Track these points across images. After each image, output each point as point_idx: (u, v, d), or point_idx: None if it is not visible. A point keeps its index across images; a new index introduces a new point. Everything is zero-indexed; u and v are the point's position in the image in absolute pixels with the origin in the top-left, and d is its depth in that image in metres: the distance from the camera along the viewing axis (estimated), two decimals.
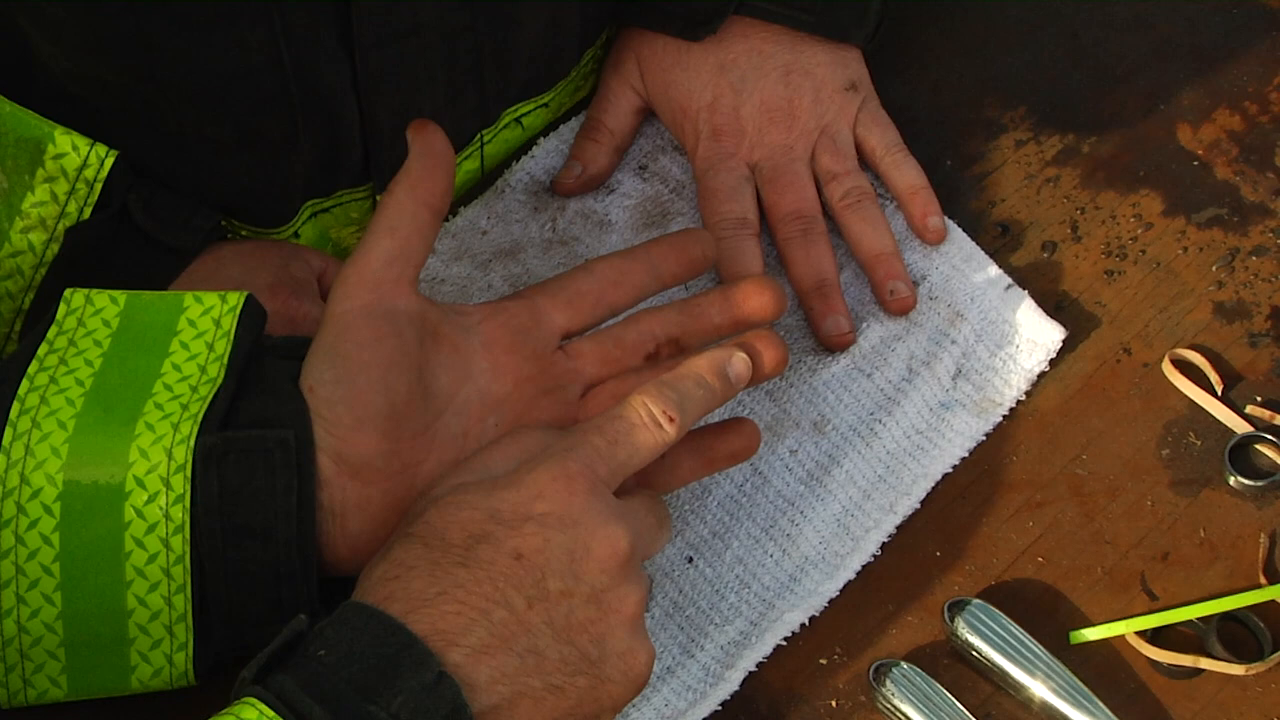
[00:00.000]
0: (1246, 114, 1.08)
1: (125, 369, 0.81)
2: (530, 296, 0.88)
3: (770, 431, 0.97)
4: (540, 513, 0.77)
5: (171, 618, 0.79)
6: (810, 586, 0.92)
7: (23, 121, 0.90)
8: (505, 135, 1.04)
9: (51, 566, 0.77)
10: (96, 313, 0.83)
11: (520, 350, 0.86)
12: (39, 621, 0.78)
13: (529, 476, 0.78)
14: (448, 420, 0.84)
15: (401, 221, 0.83)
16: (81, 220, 0.90)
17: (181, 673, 0.80)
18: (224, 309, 0.83)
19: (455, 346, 0.85)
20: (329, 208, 1.00)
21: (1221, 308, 1.01)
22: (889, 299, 0.99)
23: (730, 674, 0.89)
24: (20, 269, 0.91)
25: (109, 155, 0.90)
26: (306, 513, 0.79)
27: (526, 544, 0.76)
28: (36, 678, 0.79)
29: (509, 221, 1.04)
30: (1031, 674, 0.88)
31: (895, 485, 0.95)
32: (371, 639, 0.72)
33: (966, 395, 0.98)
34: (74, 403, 0.79)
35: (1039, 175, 1.07)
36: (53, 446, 0.78)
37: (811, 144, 1.02)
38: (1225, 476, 0.95)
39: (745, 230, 1.00)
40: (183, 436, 0.78)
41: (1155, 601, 0.92)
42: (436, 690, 0.71)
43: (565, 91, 1.07)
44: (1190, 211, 1.05)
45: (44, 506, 0.77)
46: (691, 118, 1.03)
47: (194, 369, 0.81)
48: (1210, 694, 0.89)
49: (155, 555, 0.78)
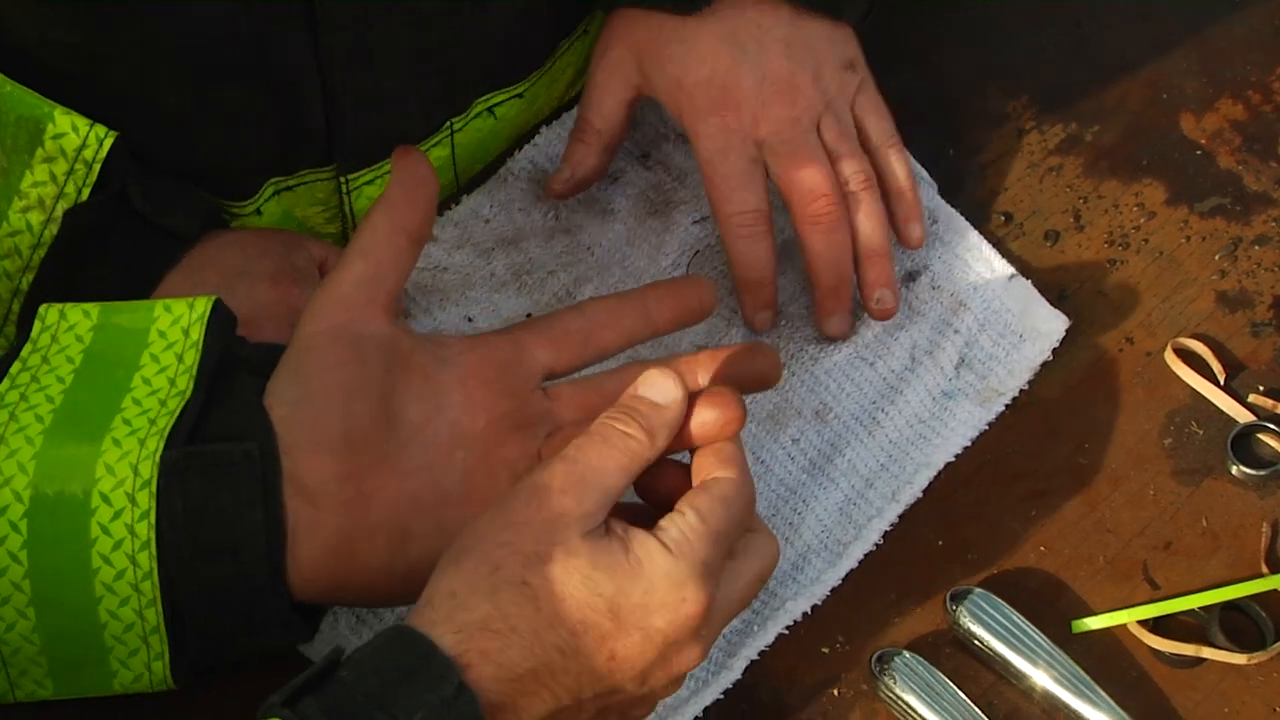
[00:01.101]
0: (1250, 103, 1.08)
1: (95, 384, 0.80)
2: (515, 332, 0.87)
3: (772, 420, 0.97)
4: (654, 628, 0.74)
5: (145, 630, 0.78)
6: (812, 575, 0.92)
7: (22, 101, 0.89)
8: (477, 124, 1.03)
9: (22, 584, 0.77)
10: (70, 328, 0.82)
11: (497, 385, 0.85)
12: (16, 634, 0.77)
13: (661, 583, 0.74)
14: (413, 451, 0.82)
15: (376, 245, 0.82)
16: (80, 202, 0.90)
17: (161, 679, 0.80)
18: (192, 317, 0.82)
19: (427, 376, 0.83)
20: (292, 186, 0.99)
21: (1224, 297, 1.01)
22: (874, 305, 0.98)
23: (732, 662, 0.89)
24: (18, 249, 0.91)
25: (108, 136, 0.90)
26: (274, 525, 0.78)
27: (624, 649, 0.74)
28: (22, 680, 0.79)
29: (512, 210, 1.04)
30: (1033, 663, 0.88)
31: (898, 474, 0.95)
32: (391, 652, 0.71)
33: (969, 384, 0.98)
34: (43, 419, 0.78)
35: (1042, 164, 1.06)
36: (20, 463, 0.77)
37: (816, 118, 0.99)
38: (1227, 466, 0.95)
39: (760, 225, 0.97)
40: (149, 452, 0.77)
41: (1157, 591, 0.92)
42: (456, 705, 0.70)
43: (541, 84, 1.05)
44: (1193, 201, 1.05)
45: (11, 524, 0.76)
46: (689, 91, 0.99)
47: (163, 381, 0.80)
48: (1212, 683, 0.89)
49: (123, 571, 0.77)
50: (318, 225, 1.03)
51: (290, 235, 0.98)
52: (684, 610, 0.74)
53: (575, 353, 0.87)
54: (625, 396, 0.79)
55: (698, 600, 0.74)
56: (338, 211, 1.01)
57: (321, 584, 0.79)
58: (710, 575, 0.75)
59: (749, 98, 0.98)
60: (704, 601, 0.75)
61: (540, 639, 0.73)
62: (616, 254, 1.03)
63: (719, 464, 0.78)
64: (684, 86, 0.99)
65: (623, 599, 0.74)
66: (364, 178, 0.99)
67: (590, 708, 0.76)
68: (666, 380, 0.79)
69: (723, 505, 0.76)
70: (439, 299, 1.01)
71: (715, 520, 0.76)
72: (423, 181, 0.83)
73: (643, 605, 0.74)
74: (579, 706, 0.75)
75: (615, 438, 0.77)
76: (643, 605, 0.74)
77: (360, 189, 1.00)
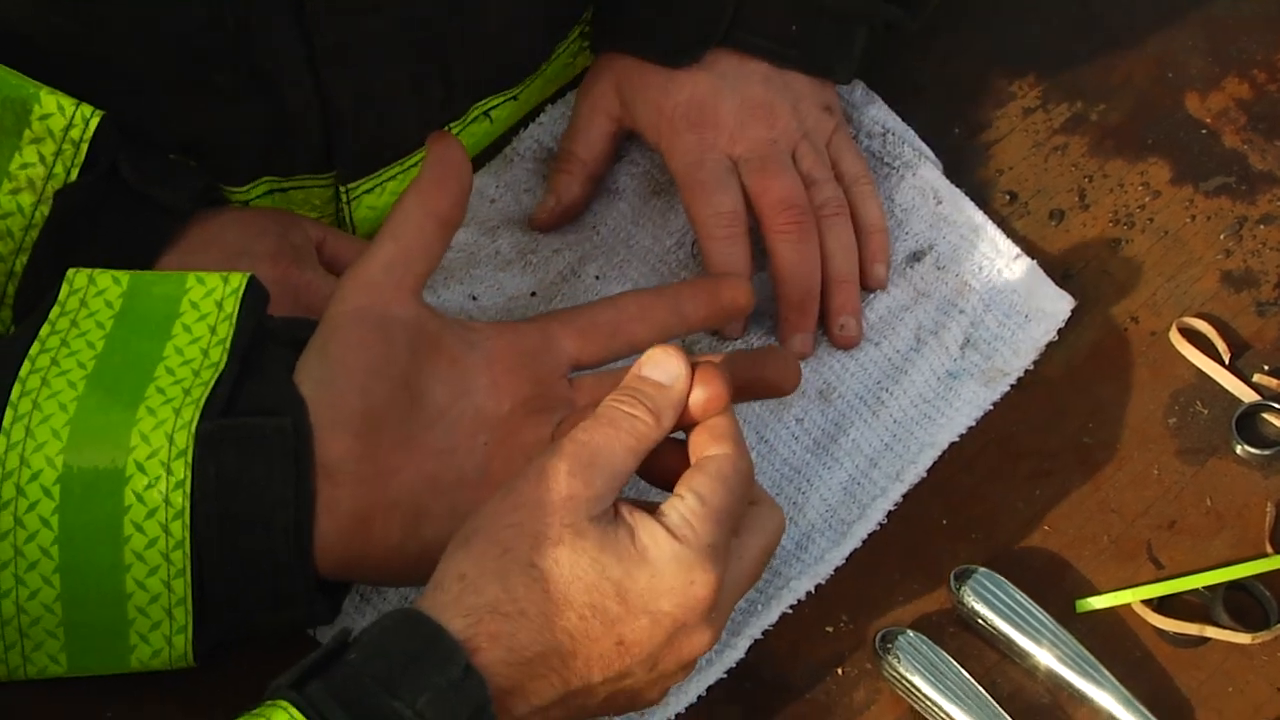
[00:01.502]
0: (1255, 82, 1.08)
1: (127, 351, 0.80)
2: (544, 321, 0.87)
3: (777, 400, 0.97)
4: (662, 611, 0.74)
5: (171, 601, 0.78)
6: (816, 554, 0.92)
7: (7, 82, 0.89)
8: (474, 129, 1.03)
9: (50, 549, 0.77)
10: (99, 293, 0.83)
11: (523, 372, 0.85)
12: (38, 602, 0.78)
13: (667, 568, 0.74)
14: (437, 432, 0.82)
15: (406, 230, 0.82)
16: (69, 182, 0.90)
17: (181, 655, 0.80)
18: (226, 290, 0.83)
19: (454, 359, 0.84)
20: (287, 189, 0.99)
21: (1229, 276, 1.01)
22: (837, 332, 0.98)
23: (736, 641, 0.89)
24: (10, 231, 0.91)
25: (94, 115, 0.89)
26: (303, 503, 0.78)
27: (633, 635, 0.74)
28: (35, 655, 0.79)
29: (517, 190, 1.04)
30: (1037, 642, 0.88)
31: (902, 454, 0.95)
32: (399, 635, 0.72)
33: (974, 364, 0.98)
34: (75, 385, 0.79)
35: (1047, 143, 1.06)
36: (53, 429, 0.77)
37: (793, 144, 1.00)
38: (1232, 445, 0.95)
39: (738, 227, 0.97)
40: (184, 421, 0.78)
41: (1161, 570, 0.92)
42: (463, 687, 0.71)
43: (535, 88, 1.05)
44: (1198, 180, 1.05)
45: (43, 489, 0.77)
46: (668, 115, 1.00)
47: (196, 352, 0.81)
48: (1216, 662, 0.89)
49: (155, 540, 0.77)
50: None
51: (287, 214, 0.97)
52: (693, 593, 0.75)
53: (603, 345, 0.87)
54: (630, 378, 0.79)
55: (706, 583, 0.75)
56: (334, 219, 1.01)
57: (335, 559, 0.80)
58: (716, 557, 0.75)
59: (727, 119, 1.00)
60: (712, 584, 0.75)
61: (549, 623, 0.73)
62: (621, 233, 1.03)
63: (713, 440, 0.78)
64: (664, 110, 1.00)
65: (630, 583, 0.74)
66: (364, 186, 0.99)
67: (600, 692, 0.76)
68: (670, 359, 0.79)
69: (721, 483, 0.76)
70: (443, 277, 1.01)
71: (715, 500, 0.76)
72: (456, 167, 0.83)
73: (650, 589, 0.74)
74: (588, 691, 0.75)
75: (622, 420, 0.77)
76: (650, 589, 0.74)
77: (360, 198, 0.99)
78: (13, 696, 0.82)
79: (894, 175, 1.04)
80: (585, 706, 0.77)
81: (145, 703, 0.85)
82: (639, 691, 0.78)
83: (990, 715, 0.86)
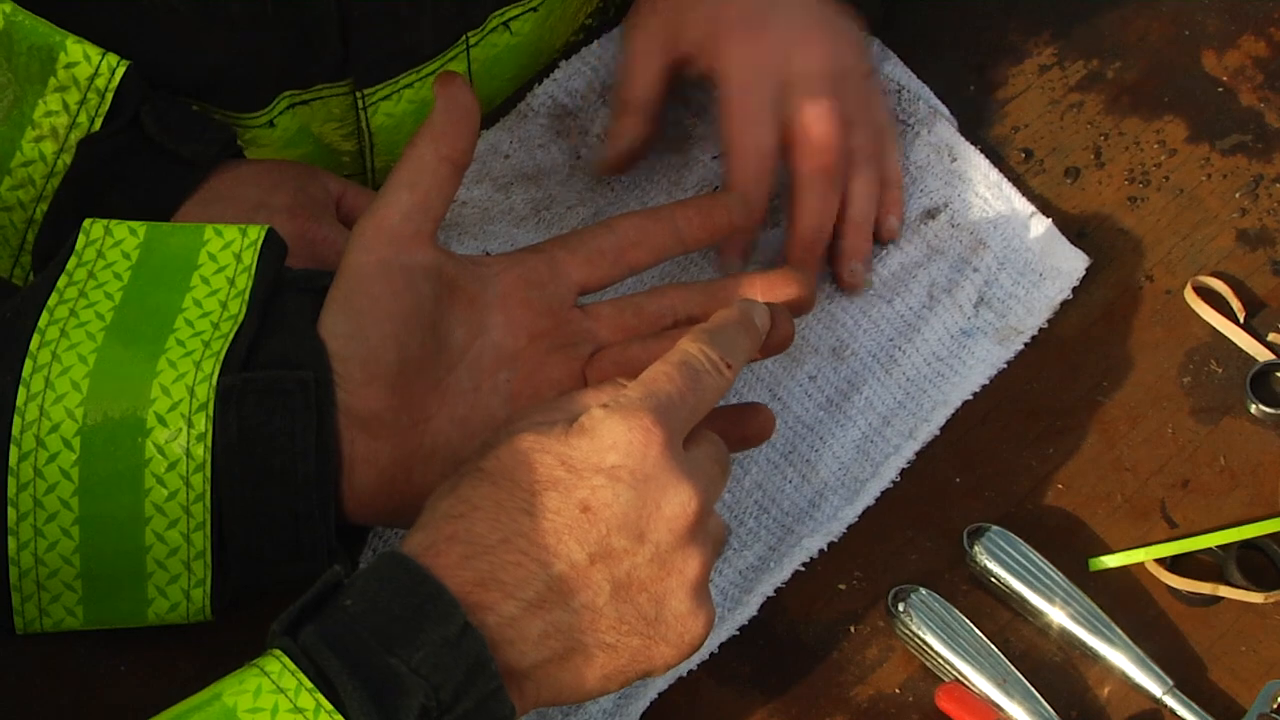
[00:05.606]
0: (1272, 40, 1.08)
1: (146, 303, 0.81)
2: (549, 250, 0.87)
3: (789, 357, 0.97)
4: (611, 465, 0.74)
5: (190, 554, 0.79)
6: (829, 512, 0.92)
7: (34, 30, 0.89)
8: (493, 39, 1.03)
9: (70, 500, 0.77)
10: (116, 244, 0.83)
11: (535, 305, 0.86)
12: (56, 554, 0.78)
13: (604, 425, 0.75)
14: (459, 374, 0.83)
15: (422, 176, 0.82)
16: (92, 131, 0.90)
17: (199, 608, 0.80)
18: (244, 243, 0.83)
19: (472, 299, 0.84)
20: (307, 100, 0.99)
21: (1244, 235, 1.01)
22: (847, 276, 0.98)
23: (749, 599, 0.89)
24: (32, 179, 0.91)
25: (120, 65, 0.90)
26: (325, 454, 0.78)
27: (595, 497, 0.74)
28: (53, 607, 0.79)
29: (531, 146, 1.04)
30: (1050, 601, 0.88)
31: (915, 411, 0.95)
32: (398, 589, 0.71)
33: (988, 322, 0.97)
34: (94, 336, 0.79)
35: (1063, 101, 1.06)
36: (73, 380, 0.78)
37: (839, 78, 0.99)
38: (1246, 404, 0.95)
39: (769, 163, 0.96)
40: (205, 374, 0.78)
41: (1175, 529, 0.92)
42: (460, 645, 0.71)
43: (555, 1, 1.05)
44: (1214, 138, 1.04)
45: (63, 440, 0.77)
46: (725, 23, 0.98)
47: (215, 304, 0.81)
48: (1229, 622, 0.89)
49: (175, 492, 0.77)
50: (335, 142, 1.03)
51: (306, 168, 0.98)
52: (636, 440, 0.75)
53: (607, 270, 0.88)
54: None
55: (644, 427, 0.75)
56: (354, 128, 1.01)
57: (379, 508, 0.81)
58: (648, 408, 0.76)
59: (782, 34, 0.98)
60: (650, 427, 0.75)
61: (502, 507, 0.74)
62: (635, 189, 1.03)
63: None
64: (719, 19, 0.99)
65: (571, 450, 0.75)
66: (380, 93, 0.99)
67: (598, 578, 0.74)
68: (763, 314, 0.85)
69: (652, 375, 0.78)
70: (457, 233, 1.01)
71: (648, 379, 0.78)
72: (466, 109, 0.83)
73: (593, 448, 0.75)
74: (583, 579, 0.74)
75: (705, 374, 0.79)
76: (593, 448, 0.75)
77: (377, 105, 1.00)
78: (28, 649, 0.82)
79: (909, 132, 1.03)
80: (592, 605, 0.75)
81: (161, 657, 0.86)
82: (653, 580, 0.75)
83: (1002, 673, 0.86)
